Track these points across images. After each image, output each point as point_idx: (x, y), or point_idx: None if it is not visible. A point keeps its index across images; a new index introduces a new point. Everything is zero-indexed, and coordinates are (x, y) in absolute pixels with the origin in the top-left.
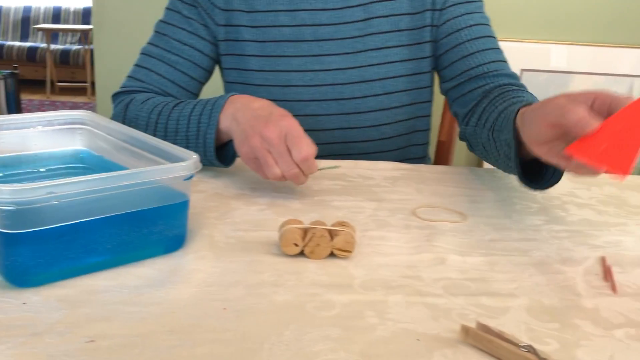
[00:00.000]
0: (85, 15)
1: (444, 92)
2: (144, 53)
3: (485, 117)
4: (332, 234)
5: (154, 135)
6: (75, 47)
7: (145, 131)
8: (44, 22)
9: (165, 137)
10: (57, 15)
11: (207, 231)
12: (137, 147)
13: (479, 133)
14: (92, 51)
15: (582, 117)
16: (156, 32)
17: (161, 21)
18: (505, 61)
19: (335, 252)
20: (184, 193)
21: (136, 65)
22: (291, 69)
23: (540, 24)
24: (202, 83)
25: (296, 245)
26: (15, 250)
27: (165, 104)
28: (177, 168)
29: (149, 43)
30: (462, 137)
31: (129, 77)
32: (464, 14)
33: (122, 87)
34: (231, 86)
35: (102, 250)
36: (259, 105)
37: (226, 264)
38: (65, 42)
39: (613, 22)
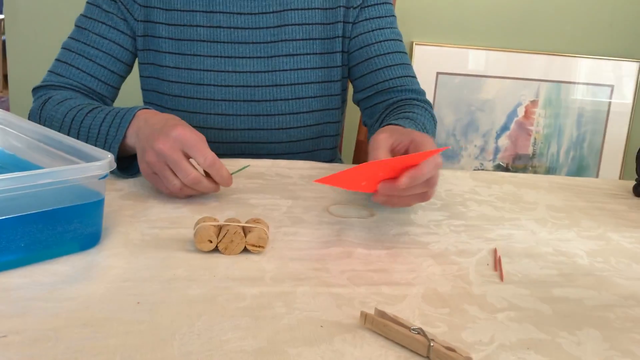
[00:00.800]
0: None
1: (355, 102)
2: (64, 47)
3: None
4: (245, 230)
5: None
6: None
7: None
8: None
9: None
10: None
11: (123, 229)
12: (51, 146)
13: None
14: (4, 42)
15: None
16: (77, 26)
17: (82, 15)
18: (412, 76)
19: (249, 247)
20: (98, 192)
21: (57, 59)
22: (205, 68)
23: (457, 29)
24: (123, 77)
25: (210, 241)
26: None
27: (80, 109)
28: (91, 167)
29: (70, 37)
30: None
31: (50, 71)
32: (375, 29)
33: (42, 82)
34: (146, 81)
35: (15, 249)
36: (157, 119)
37: (141, 260)
38: None
39: (525, 29)
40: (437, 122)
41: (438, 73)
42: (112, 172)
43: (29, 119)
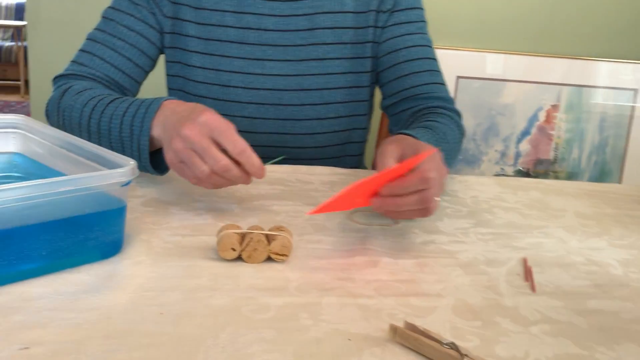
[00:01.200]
0: (18, 11)
1: (383, 108)
2: (89, 38)
3: None
4: (269, 238)
5: (88, 130)
6: (8, 43)
7: (79, 123)
8: None
9: (98, 135)
10: None
11: (145, 236)
12: (73, 152)
13: None
14: (25, 48)
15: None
16: (103, 17)
17: (109, 7)
18: (440, 83)
19: (272, 256)
20: (120, 199)
21: (81, 50)
22: (233, 69)
23: (477, 33)
24: (146, 72)
25: (234, 249)
26: None
27: (101, 99)
28: (114, 174)
29: (96, 28)
30: None
31: (73, 61)
32: (403, 35)
33: (64, 71)
34: (172, 79)
35: (36, 257)
36: (184, 107)
37: (163, 269)
38: None
39: (544, 33)
40: (464, 131)
41: (458, 77)
42: (143, 169)
43: (47, 107)
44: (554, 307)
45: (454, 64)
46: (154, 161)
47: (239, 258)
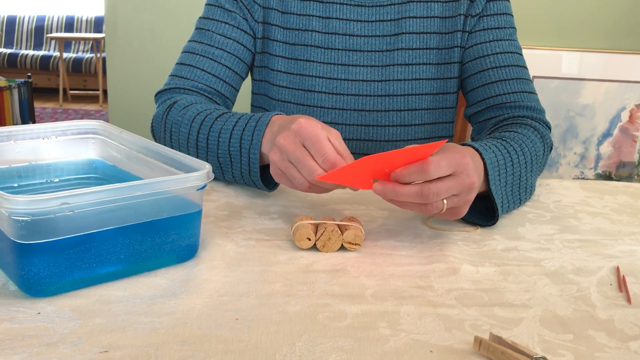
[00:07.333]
0: (97, 24)
1: (466, 116)
2: (185, 51)
3: None
4: (341, 228)
5: (196, 146)
6: (88, 55)
7: (187, 139)
8: (57, 31)
9: (206, 149)
10: (70, 24)
11: (219, 240)
12: (150, 157)
13: None
14: (104, 59)
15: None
16: (197, 28)
17: (202, 18)
18: (529, 92)
19: (346, 245)
20: (196, 203)
21: (178, 63)
22: (317, 74)
23: (551, 31)
24: (243, 78)
25: (309, 239)
26: (30, 260)
27: (208, 113)
28: (190, 178)
29: (191, 40)
30: None
31: (172, 75)
32: (491, 41)
33: (165, 86)
34: (258, 84)
35: (115, 260)
36: (289, 118)
37: (238, 273)
38: (77, 51)
39: (625, 29)
40: (550, 144)
41: (534, 77)
42: (250, 185)
43: (152, 124)
44: None
45: (528, 63)
46: (265, 178)
47: (314, 252)
